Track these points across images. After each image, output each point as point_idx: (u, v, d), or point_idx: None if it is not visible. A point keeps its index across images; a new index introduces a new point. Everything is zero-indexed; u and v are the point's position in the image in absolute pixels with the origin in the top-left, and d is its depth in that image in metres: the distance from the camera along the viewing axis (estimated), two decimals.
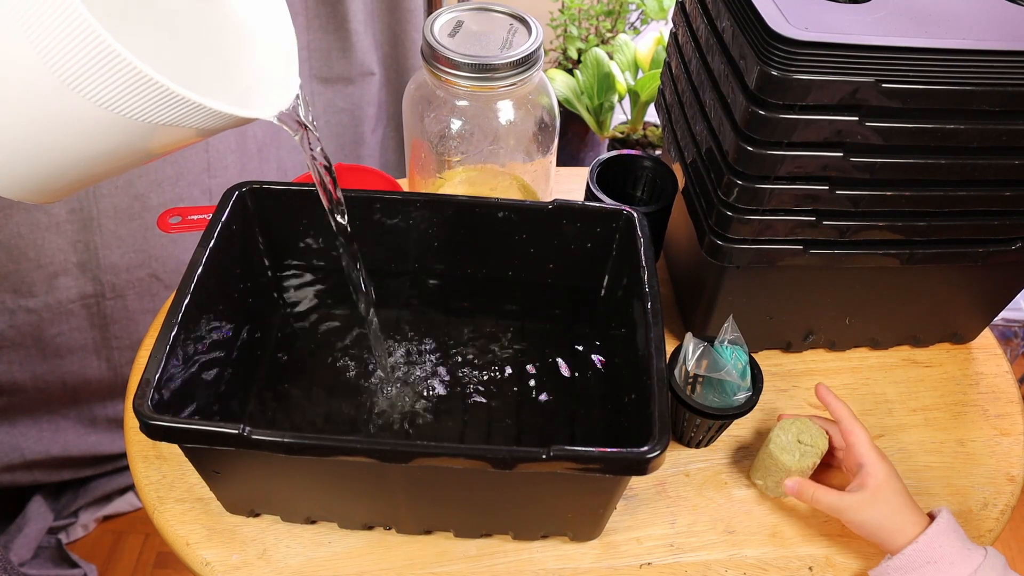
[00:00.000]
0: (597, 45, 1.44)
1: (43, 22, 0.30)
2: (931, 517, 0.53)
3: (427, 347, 0.64)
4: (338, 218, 0.52)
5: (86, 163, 0.38)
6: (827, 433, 0.58)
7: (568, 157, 1.47)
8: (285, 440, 0.45)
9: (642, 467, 0.45)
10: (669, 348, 0.57)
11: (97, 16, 0.31)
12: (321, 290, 0.66)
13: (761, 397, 0.58)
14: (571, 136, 1.45)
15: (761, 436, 0.64)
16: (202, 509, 0.57)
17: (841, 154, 0.53)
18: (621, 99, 1.37)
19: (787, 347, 0.71)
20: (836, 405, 0.58)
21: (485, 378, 0.63)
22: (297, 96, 0.45)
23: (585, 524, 0.55)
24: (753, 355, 0.59)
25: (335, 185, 0.51)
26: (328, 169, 0.50)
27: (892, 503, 0.53)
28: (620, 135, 1.40)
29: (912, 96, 0.50)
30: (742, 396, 0.58)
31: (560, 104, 1.31)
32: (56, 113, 0.34)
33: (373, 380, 0.62)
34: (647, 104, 1.35)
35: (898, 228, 0.59)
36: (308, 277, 0.66)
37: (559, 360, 0.64)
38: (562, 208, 0.61)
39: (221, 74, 0.45)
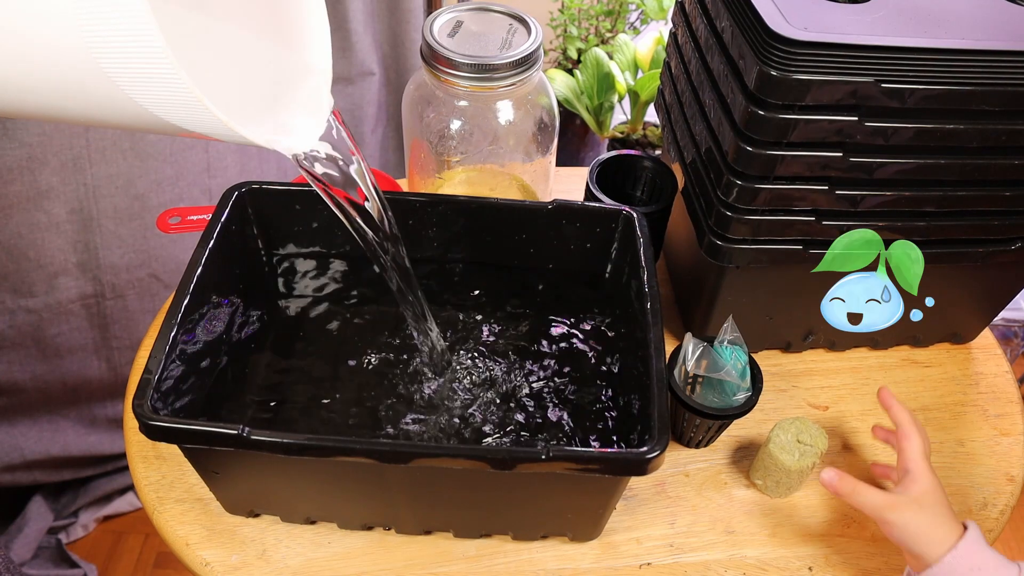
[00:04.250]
0: (597, 45, 1.44)
1: (102, 15, 0.30)
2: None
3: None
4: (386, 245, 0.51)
5: (86, 120, 0.38)
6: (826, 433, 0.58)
7: (568, 157, 1.47)
8: (284, 441, 0.45)
9: (641, 468, 0.45)
10: (669, 348, 0.57)
11: None
12: (320, 290, 0.66)
13: (761, 397, 0.58)
14: (571, 136, 1.45)
15: (761, 436, 0.64)
16: (202, 509, 0.57)
17: (840, 154, 0.53)
18: (621, 99, 1.37)
19: (787, 347, 0.71)
20: (897, 409, 0.56)
21: (484, 375, 0.62)
22: (332, 128, 0.45)
23: (585, 524, 0.55)
24: (753, 355, 0.59)
25: (386, 217, 0.50)
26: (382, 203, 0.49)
27: (935, 512, 0.51)
28: (620, 135, 1.40)
29: (912, 96, 0.50)
30: (742, 396, 0.58)
31: (560, 104, 1.31)
32: (81, 85, 0.34)
33: (371, 379, 0.62)
34: (647, 104, 1.35)
35: (898, 228, 0.59)
36: (307, 278, 0.66)
37: (557, 359, 0.64)
38: (562, 208, 0.61)
39: (251, 81, 0.45)
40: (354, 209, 0.49)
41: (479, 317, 0.66)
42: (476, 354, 0.64)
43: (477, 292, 0.66)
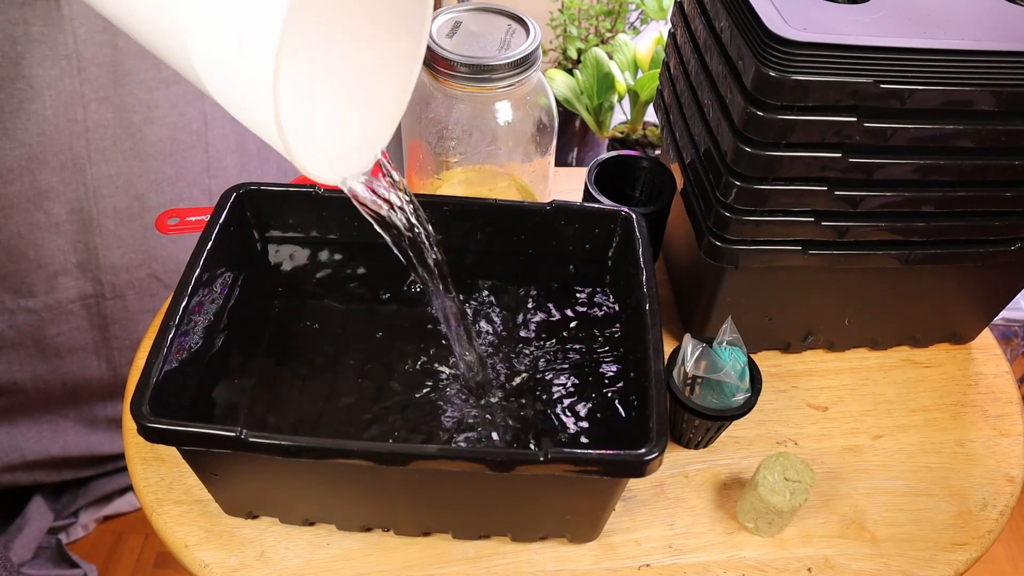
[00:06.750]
0: (597, 45, 1.44)
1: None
2: None
3: (422, 348, 0.64)
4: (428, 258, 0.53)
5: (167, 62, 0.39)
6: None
7: (568, 157, 1.47)
8: (282, 443, 0.45)
9: (640, 469, 0.45)
10: (667, 349, 0.57)
11: None
12: (319, 292, 0.66)
13: (760, 398, 0.58)
14: (571, 136, 1.45)
15: (761, 439, 0.64)
16: (200, 511, 0.57)
17: (840, 155, 0.53)
18: (621, 99, 1.36)
19: (786, 348, 0.70)
20: None
21: (480, 376, 0.62)
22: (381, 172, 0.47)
23: (583, 526, 0.55)
24: (752, 356, 0.59)
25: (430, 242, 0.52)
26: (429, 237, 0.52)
27: None
28: (620, 135, 1.40)
29: (911, 97, 0.50)
30: (741, 397, 0.58)
31: (560, 104, 1.31)
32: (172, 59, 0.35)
33: (371, 379, 0.62)
34: (647, 104, 1.35)
35: (897, 229, 0.59)
36: (306, 279, 0.66)
37: (554, 360, 0.64)
38: (560, 209, 0.61)
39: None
40: (392, 228, 0.51)
41: (476, 317, 0.66)
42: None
43: (474, 292, 0.66)
